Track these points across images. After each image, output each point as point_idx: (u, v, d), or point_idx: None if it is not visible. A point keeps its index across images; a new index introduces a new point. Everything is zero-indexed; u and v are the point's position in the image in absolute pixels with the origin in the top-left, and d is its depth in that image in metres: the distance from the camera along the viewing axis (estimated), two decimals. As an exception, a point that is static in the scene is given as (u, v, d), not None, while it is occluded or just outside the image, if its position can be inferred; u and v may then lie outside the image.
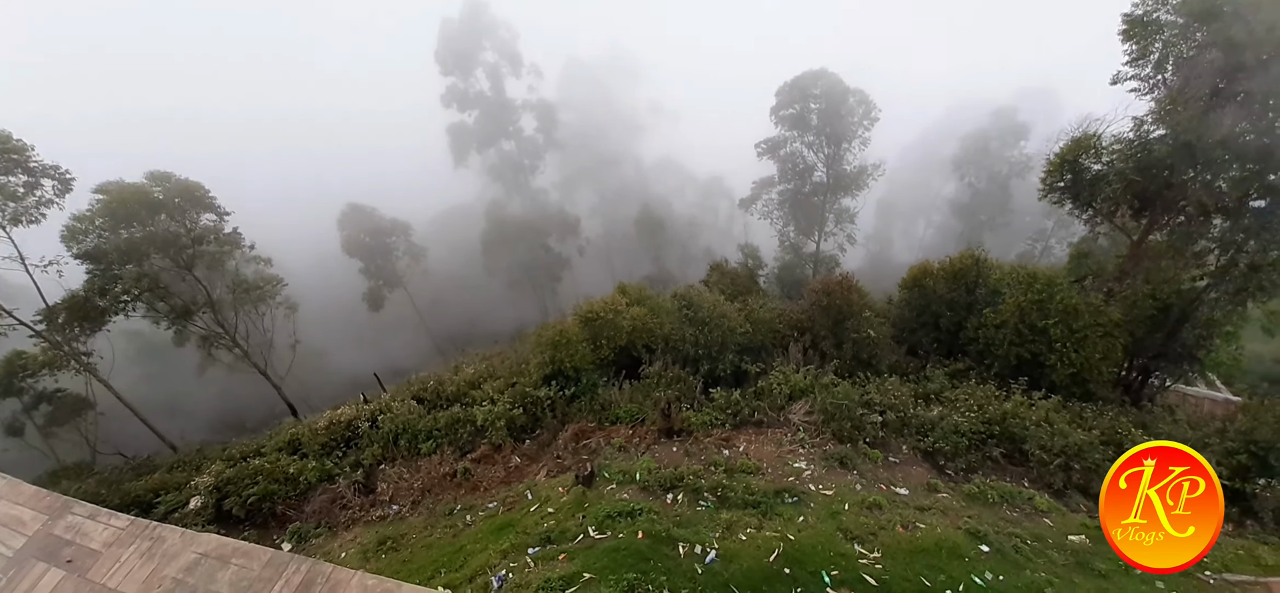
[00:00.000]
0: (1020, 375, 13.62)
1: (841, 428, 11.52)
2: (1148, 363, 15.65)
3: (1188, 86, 13.54)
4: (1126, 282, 15.43)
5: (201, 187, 26.43)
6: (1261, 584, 7.46)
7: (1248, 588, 7.45)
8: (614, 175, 57.48)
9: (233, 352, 27.95)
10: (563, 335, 15.83)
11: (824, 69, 34.72)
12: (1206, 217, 14.65)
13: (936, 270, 17.44)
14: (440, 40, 47.57)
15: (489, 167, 50.05)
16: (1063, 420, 11.35)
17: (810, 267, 36.45)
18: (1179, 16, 13.55)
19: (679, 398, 14.11)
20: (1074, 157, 14.86)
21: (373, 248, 43.37)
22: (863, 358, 15.46)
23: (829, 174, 35.93)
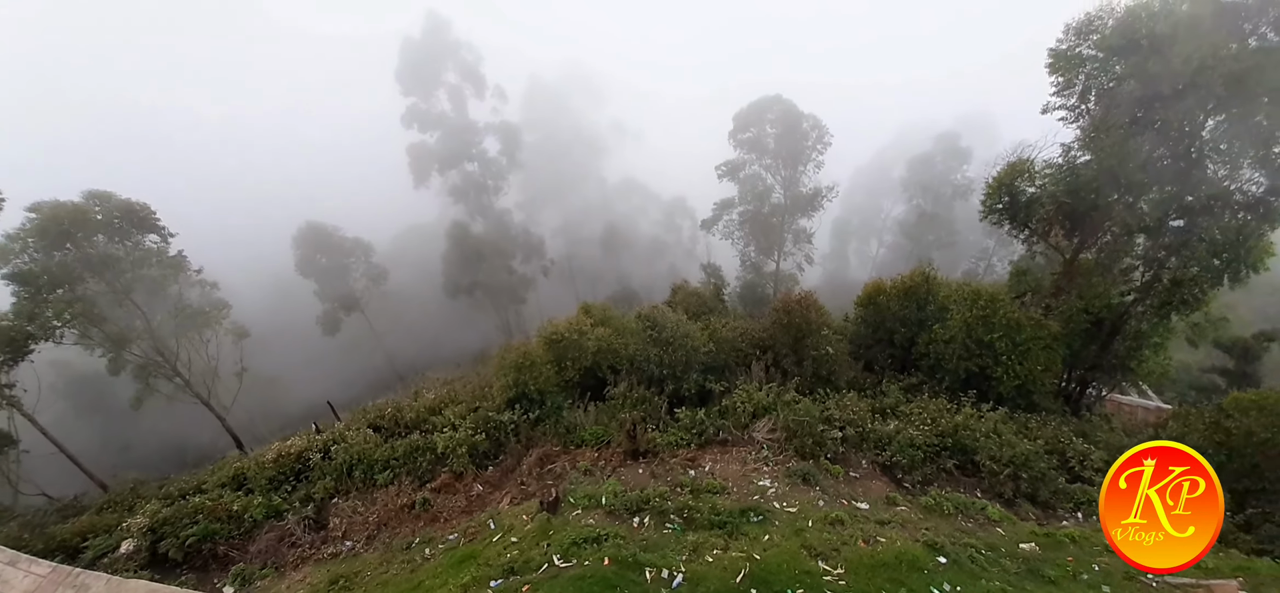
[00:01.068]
0: (969, 388, 14.13)
1: (804, 444, 11.62)
2: (1085, 374, 16.53)
3: (1109, 115, 14.53)
4: (1062, 297, 16.29)
5: (147, 207, 25.02)
6: (1203, 586, 7.81)
7: (1190, 591, 7.79)
8: (578, 195, 57.49)
9: (173, 381, 26.27)
10: (527, 358, 15.51)
11: (778, 95, 35.88)
12: (1131, 236, 15.70)
13: (889, 288, 17.98)
14: (401, 60, 46.84)
15: (451, 187, 49.21)
16: (1010, 431, 11.79)
17: (771, 285, 37.15)
18: (1099, 51, 14.55)
19: (645, 418, 13.97)
20: (1010, 181, 15.68)
21: (329, 269, 41.82)
22: (822, 374, 15.74)
23: (786, 195, 36.91)
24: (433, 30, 46.66)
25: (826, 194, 36.84)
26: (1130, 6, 13.76)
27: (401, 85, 47.17)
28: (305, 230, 40.99)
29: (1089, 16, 14.39)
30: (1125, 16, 13.78)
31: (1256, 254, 12.97)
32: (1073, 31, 14.74)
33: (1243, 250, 13.04)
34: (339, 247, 41.88)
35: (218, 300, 29.23)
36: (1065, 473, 11.09)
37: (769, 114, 35.74)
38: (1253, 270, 13.18)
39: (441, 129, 47.55)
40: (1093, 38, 14.51)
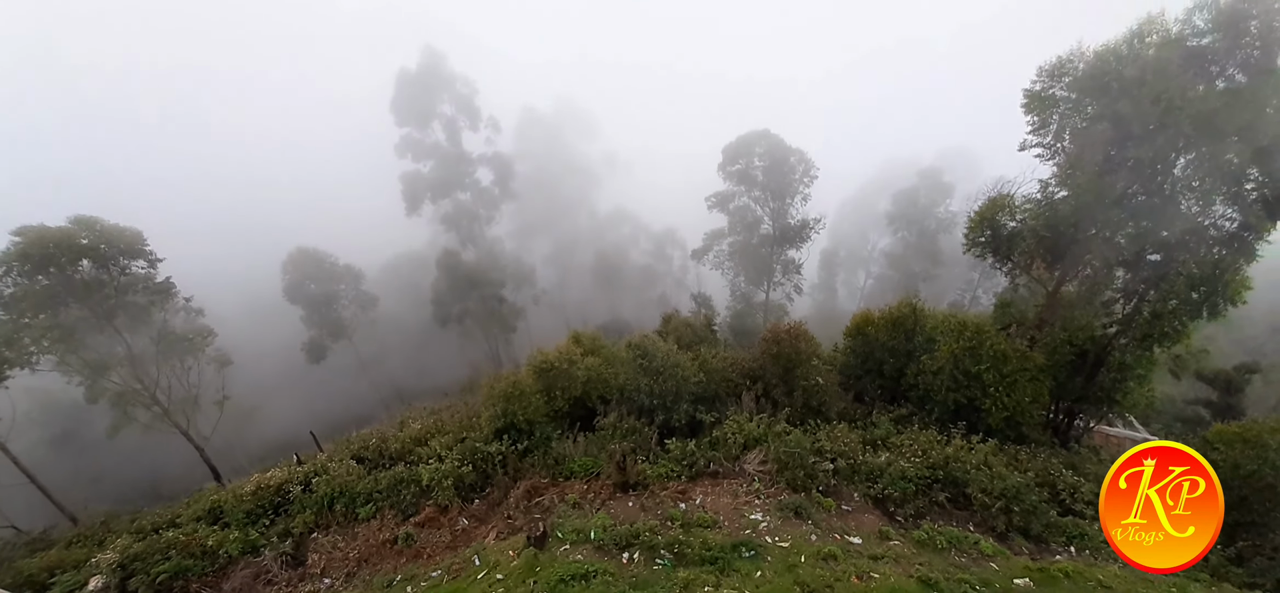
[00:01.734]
0: (959, 419, 14.08)
1: (795, 477, 11.45)
2: (1072, 405, 16.57)
3: (1083, 154, 14.85)
4: (1046, 329, 16.43)
5: (137, 233, 24.74)
6: None
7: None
8: (569, 224, 57.72)
9: (151, 410, 25.54)
10: (516, 387, 15.28)
11: (766, 130, 36.53)
12: (1110, 269, 15.95)
13: (877, 319, 18.06)
14: (397, 91, 47.22)
15: (443, 216, 49.19)
16: (1000, 463, 11.73)
17: (761, 315, 37.22)
18: (1071, 92, 14.90)
19: (634, 450, 13.73)
20: (991, 215, 15.92)
21: (318, 296, 41.30)
22: (813, 405, 15.64)
23: (775, 227, 37.27)
24: (429, 64, 47.24)
25: (814, 226, 37.25)
26: (1099, 51, 14.17)
27: (397, 116, 47.46)
28: (296, 256, 40.59)
29: (1061, 60, 14.79)
30: (1095, 60, 14.18)
31: (1233, 288, 13.20)
32: (1046, 74, 15.10)
33: (1220, 285, 13.28)
34: (330, 273, 41.46)
35: (203, 327, 28.67)
36: (1057, 506, 11.00)
37: (757, 148, 36.32)
38: (1230, 304, 13.39)
39: (435, 159, 47.75)
40: (1065, 80, 14.82)
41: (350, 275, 42.56)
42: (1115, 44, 14.00)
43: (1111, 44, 14.04)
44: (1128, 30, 13.98)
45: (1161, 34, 13.69)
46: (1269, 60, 12.46)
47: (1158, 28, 13.77)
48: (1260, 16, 12.36)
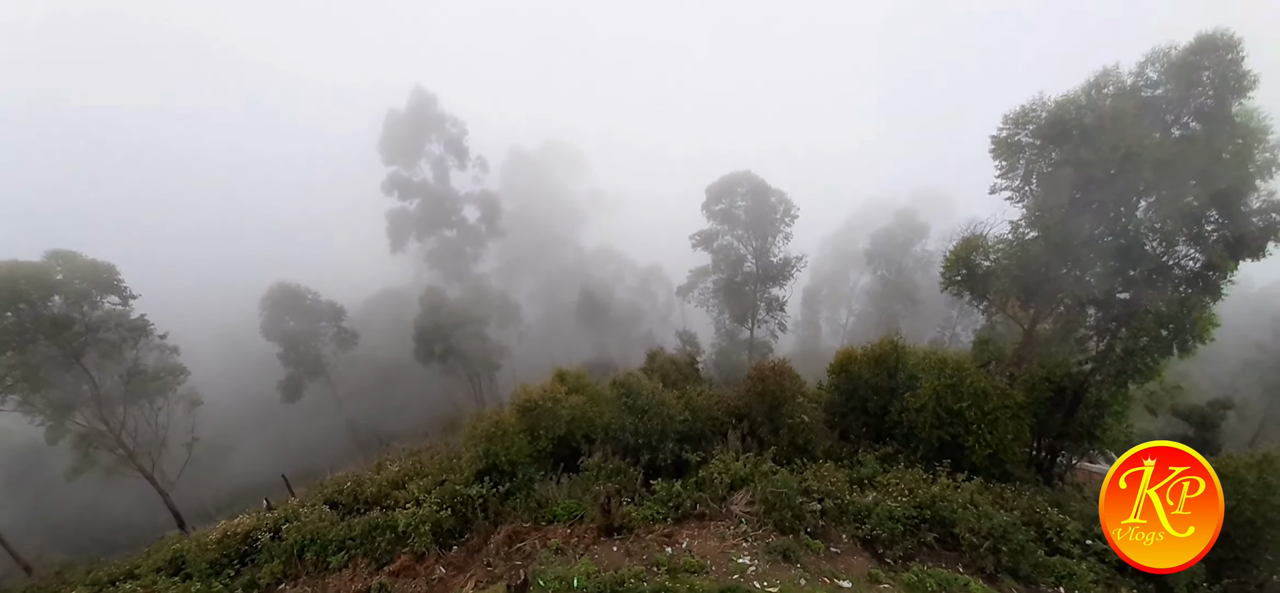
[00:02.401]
0: (943, 457, 14.02)
1: (783, 518, 11.21)
2: (1053, 442, 16.65)
3: (1050, 197, 15.30)
4: (1024, 366, 16.61)
5: (112, 269, 24.11)
6: None
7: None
8: (555, 261, 57.75)
9: (115, 453, 24.40)
10: (499, 427, 14.92)
11: (747, 171, 37.28)
12: (1082, 307, 16.29)
13: (860, 356, 18.11)
14: (386, 131, 47.52)
15: (428, 253, 48.92)
16: (986, 502, 11.63)
17: (746, 352, 37.21)
18: (1035, 139, 15.41)
19: (619, 491, 13.38)
20: (966, 254, 16.22)
21: (297, 332, 40.32)
22: (799, 443, 15.48)
23: (758, 265, 37.65)
24: (419, 105, 47.74)
25: (796, 264, 37.71)
26: (1059, 101, 14.69)
27: (384, 155, 47.64)
28: (276, 291, 39.73)
29: (1024, 109, 15.29)
30: (1056, 109, 14.68)
31: (1201, 326, 13.52)
32: (1011, 121, 15.55)
33: (1187, 322, 13.59)
34: (310, 309, 40.60)
35: (175, 365, 27.75)
36: (1044, 545, 10.88)
37: (739, 188, 36.97)
38: (1199, 341, 13.69)
39: (422, 196, 47.79)
40: (1029, 127, 15.25)
41: (331, 312, 41.72)
42: (1074, 95, 14.55)
43: (1071, 95, 14.58)
44: (1085, 82, 14.60)
45: (1117, 85, 14.30)
46: (1222, 108, 13.03)
47: (1113, 79, 14.39)
48: (1212, 67, 12.97)
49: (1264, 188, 12.94)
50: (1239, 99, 12.94)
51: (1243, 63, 12.71)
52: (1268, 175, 12.80)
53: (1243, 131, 12.85)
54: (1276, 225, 12.72)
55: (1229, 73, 12.83)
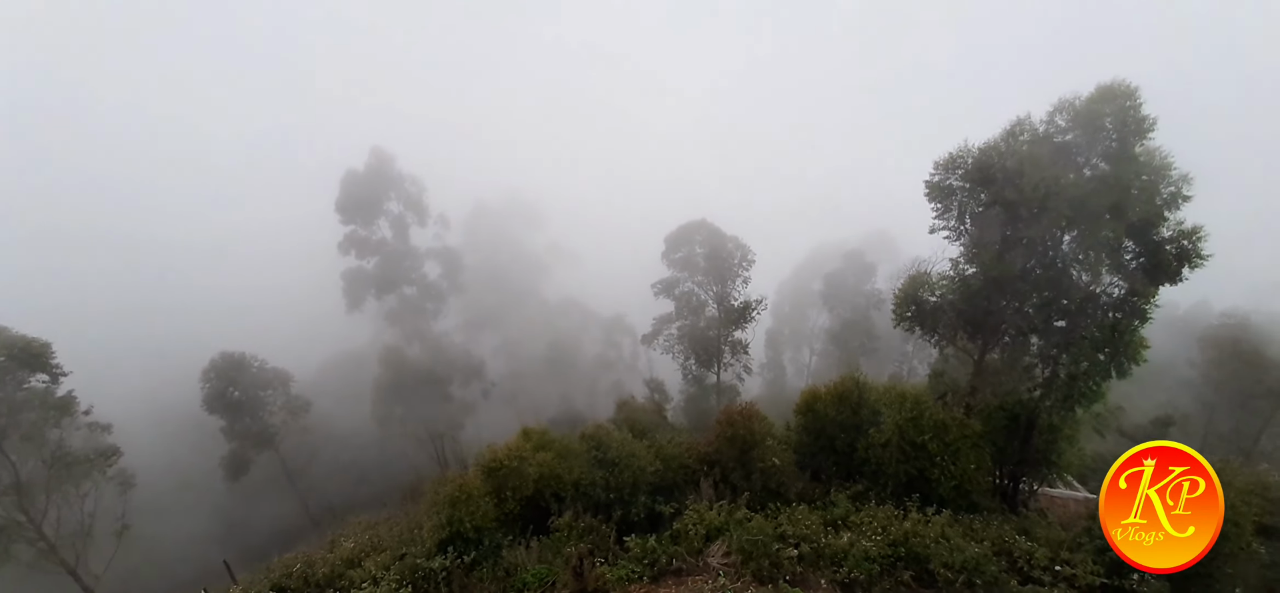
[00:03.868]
0: (911, 491, 14.03)
1: (760, 567, 10.87)
2: (1014, 470, 16.98)
3: (983, 234, 16.12)
4: (978, 396, 17.07)
5: (45, 346, 22.19)
6: None
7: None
8: (518, 315, 56.88)
9: (36, 546, 21.83)
10: (463, 491, 14.12)
11: (703, 220, 38.18)
12: (1025, 336, 16.99)
13: (824, 394, 18.18)
14: (343, 191, 46.53)
15: (387, 312, 47.36)
16: (957, 534, 11.61)
17: (714, 397, 37.06)
18: (965, 182, 16.34)
19: (592, 551, 12.75)
20: (913, 291, 16.79)
21: (242, 403, 37.74)
22: (771, 487, 15.26)
23: (720, 310, 38.05)
24: (377, 165, 47.22)
25: (756, 307, 38.30)
26: (982, 147, 15.68)
27: (342, 215, 46.50)
28: (218, 362, 37.20)
29: (952, 155, 16.15)
30: (980, 155, 15.64)
31: (1133, 348, 14.29)
32: (941, 167, 16.37)
33: (1120, 346, 14.35)
34: (255, 378, 38.18)
35: (107, 446, 25.42)
36: (1016, 575, 10.87)
37: (696, 236, 37.71)
38: (1133, 362, 14.43)
39: (380, 255, 46.65)
40: (958, 171, 16.15)
41: (279, 379, 39.37)
42: (995, 141, 15.54)
43: (991, 142, 15.57)
44: (1003, 130, 15.70)
45: (1031, 132, 15.41)
46: (1126, 149, 14.19)
47: (1027, 127, 15.48)
48: (1113, 114, 14.21)
49: (1173, 218, 14.01)
50: (1140, 141, 14.15)
51: (1141, 108, 13.95)
52: (1174, 207, 13.90)
53: (1147, 169, 14.00)
54: (1187, 252, 13.70)
55: (1129, 118, 14.02)
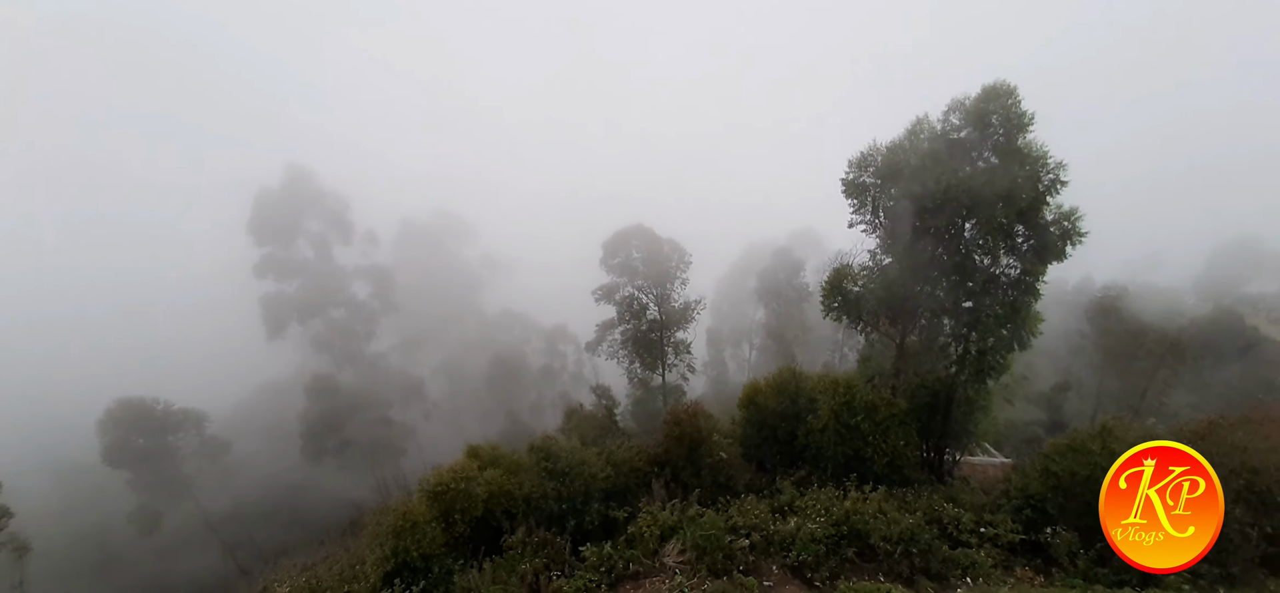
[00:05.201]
0: (849, 472, 14.72)
1: (715, 562, 11.02)
2: (938, 442, 18.22)
3: (896, 227, 17.26)
4: (902, 377, 18.21)
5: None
6: None
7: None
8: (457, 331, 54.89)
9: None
10: (407, 518, 13.35)
11: (640, 224, 38.44)
12: (938, 318, 18.32)
13: (764, 387, 18.78)
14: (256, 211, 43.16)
15: (313, 338, 44.29)
16: (893, 508, 12.29)
17: (660, 399, 37.31)
18: (877, 179, 17.41)
19: (547, 566, 12.45)
20: (837, 283, 17.68)
21: (149, 452, 33.94)
22: (721, 481, 15.53)
23: (661, 312, 38.40)
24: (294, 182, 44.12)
25: (696, 307, 38.95)
26: (889, 146, 16.87)
27: (256, 236, 43.12)
28: (116, 410, 33.15)
29: (863, 154, 17.22)
30: (888, 154, 16.83)
31: (1030, 322, 15.76)
32: (854, 165, 17.41)
33: (1019, 321, 15.78)
34: (162, 422, 34.41)
35: (-3, 509, 22.08)
36: (947, 541, 11.65)
37: (633, 240, 37.88)
38: (1032, 335, 15.90)
39: (302, 277, 43.58)
40: (870, 169, 17.24)
41: (190, 421, 35.70)
42: (899, 141, 16.74)
43: (896, 141, 16.76)
44: (906, 130, 16.90)
45: (930, 131, 16.69)
46: (1011, 143, 15.63)
47: (926, 127, 16.75)
48: (998, 112, 15.61)
49: (1054, 203, 15.57)
50: (1022, 134, 15.61)
51: (1020, 105, 15.42)
52: (1055, 193, 15.45)
53: (1030, 160, 15.48)
54: (1068, 232, 15.29)
55: (1011, 114, 15.46)
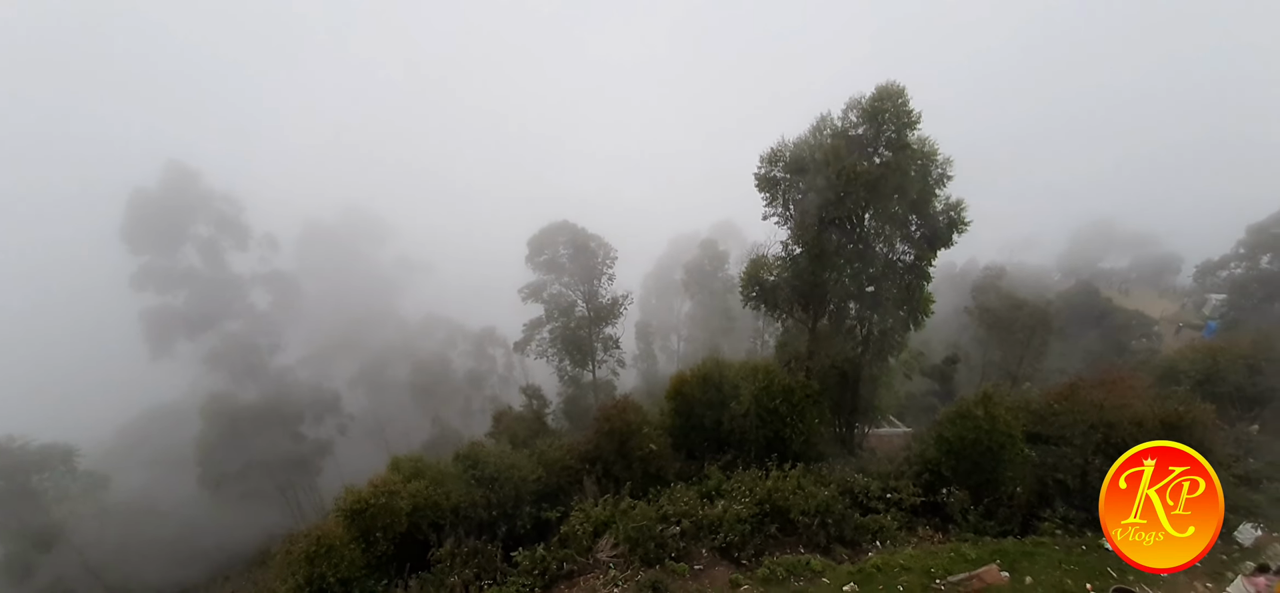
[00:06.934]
0: (771, 452, 15.38)
1: (648, 551, 11.14)
2: (848, 417, 19.48)
3: (804, 218, 18.14)
4: (815, 359, 19.25)
5: None
6: (975, 577, 9.11)
7: (966, 583, 9.01)
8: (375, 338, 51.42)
9: None
10: (322, 542, 12.39)
11: (566, 221, 37.94)
12: (845, 303, 19.54)
13: (690, 378, 19.08)
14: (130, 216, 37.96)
15: (207, 353, 39.76)
16: (810, 483, 12.98)
17: (592, 395, 37.11)
18: (786, 173, 18.19)
19: (478, 575, 12.00)
20: (755, 273, 18.41)
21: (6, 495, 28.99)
22: (651, 472, 15.65)
23: (589, 308, 38.18)
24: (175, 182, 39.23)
25: (623, 302, 39.04)
26: (796, 142, 17.72)
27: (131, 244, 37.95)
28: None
29: (773, 149, 17.98)
30: (795, 149, 17.66)
31: (923, 303, 17.21)
32: (765, 160, 18.14)
33: (914, 303, 17.18)
34: (18, 462, 29.51)
35: None
36: (858, 508, 12.49)
37: (560, 237, 37.34)
38: (925, 315, 17.38)
39: (189, 287, 38.98)
40: (780, 164, 17.99)
41: (57, 456, 30.90)
42: (805, 137, 17.60)
43: (802, 137, 17.59)
44: (810, 126, 17.80)
45: (832, 128, 17.65)
46: (902, 140, 16.89)
47: (829, 124, 17.68)
48: (890, 110, 16.78)
49: (942, 194, 17.06)
50: (911, 131, 16.91)
51: (909, 105, 16.70)
52: (942, 186, 16.94)
53: (920, 156, 16.87)
54: (955, 221, 16.82)
55: (901, 112, 16.70)
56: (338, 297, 48.87)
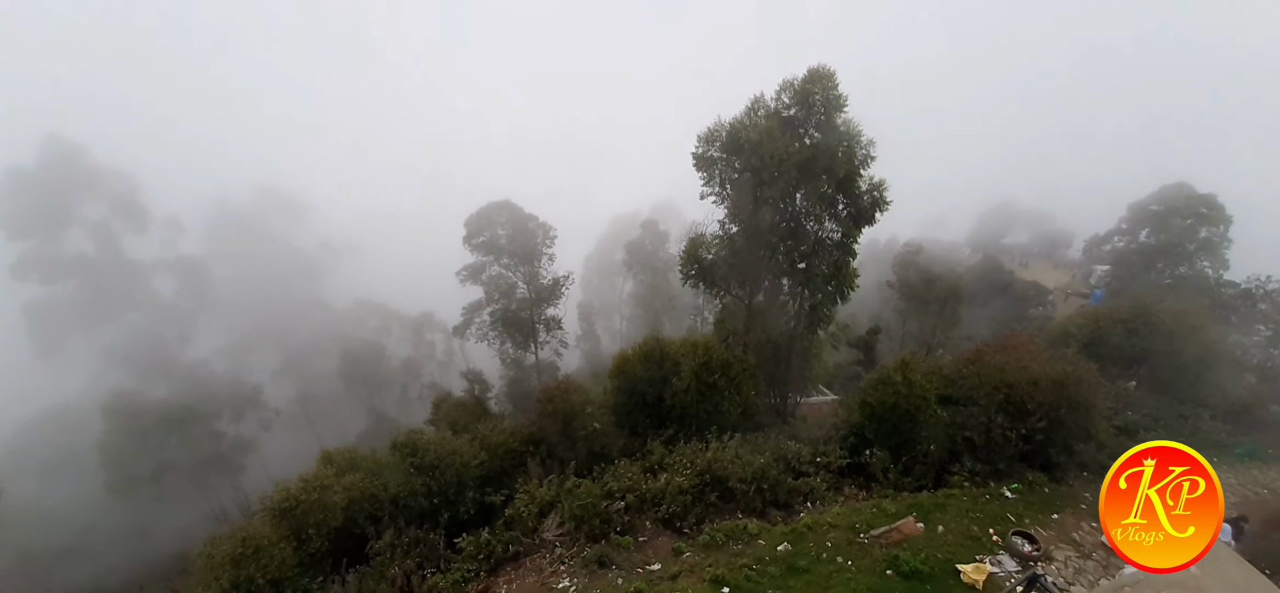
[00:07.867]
0: (710, 425, 15.80)
1: (593, 527, 11.26)
2: (783, 389, 20.39)
3: (740, 197, 18.53)
4: (751, 334, 19.93)
5: None
6: (894, 530, 9.89)
7: (886, 536, 9.77)
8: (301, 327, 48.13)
9: None
10: (248, 543, 11.71)
11: (506, 200, 36.82)
12: (779, 279, 20.30)
13: (632, 356, 19.17)
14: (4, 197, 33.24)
15: (106, 348, 35.85)
16: (747, 452, 13.51)
17: (535, 377, 36.67)
18: (722, 153, 18.37)
19: (420, 565, 11.71)
20: (693, 251, 18.73)
21: None
22: (595, 450, 15.73)
23: (530, 289, 37.47)
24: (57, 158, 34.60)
25: (564, 283, 38.58)
26: (732, 123, 17.91)
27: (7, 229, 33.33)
28: None
29: (710, 130, 18.08)
30: (731, 129, 17.81)
31: (849, 278, 18.16)
32: (702, 140, 18.23)
33: (841, 278, 18.09)
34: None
35: None
36: (791, 473, 13.17)
37: (498, 217, 36.21)
38: (851, 290, 18.35)
39: (79, 277, 34.81)
40: (716, 144, 18.11)
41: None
42: (740, 118, 17.81)
43: (738, 118, 17.81)
44: (746, 107, 18.07)
45: (766, 109, 18.03)
46: (831, 122, 17.53)
47: (763, 105, 18.01)
48: (820, 93, 17.33)
49: (866, 175, 17.91)
50: (839, 113, 17.57)
51: (837, 88, 17.33)
52: (867, 166, 17.78)
53: (847, 137, 17.58)
54: (878, 200, 17.75)
55: (830, 95, 17.31)
56: (255, 283, 45.14)
